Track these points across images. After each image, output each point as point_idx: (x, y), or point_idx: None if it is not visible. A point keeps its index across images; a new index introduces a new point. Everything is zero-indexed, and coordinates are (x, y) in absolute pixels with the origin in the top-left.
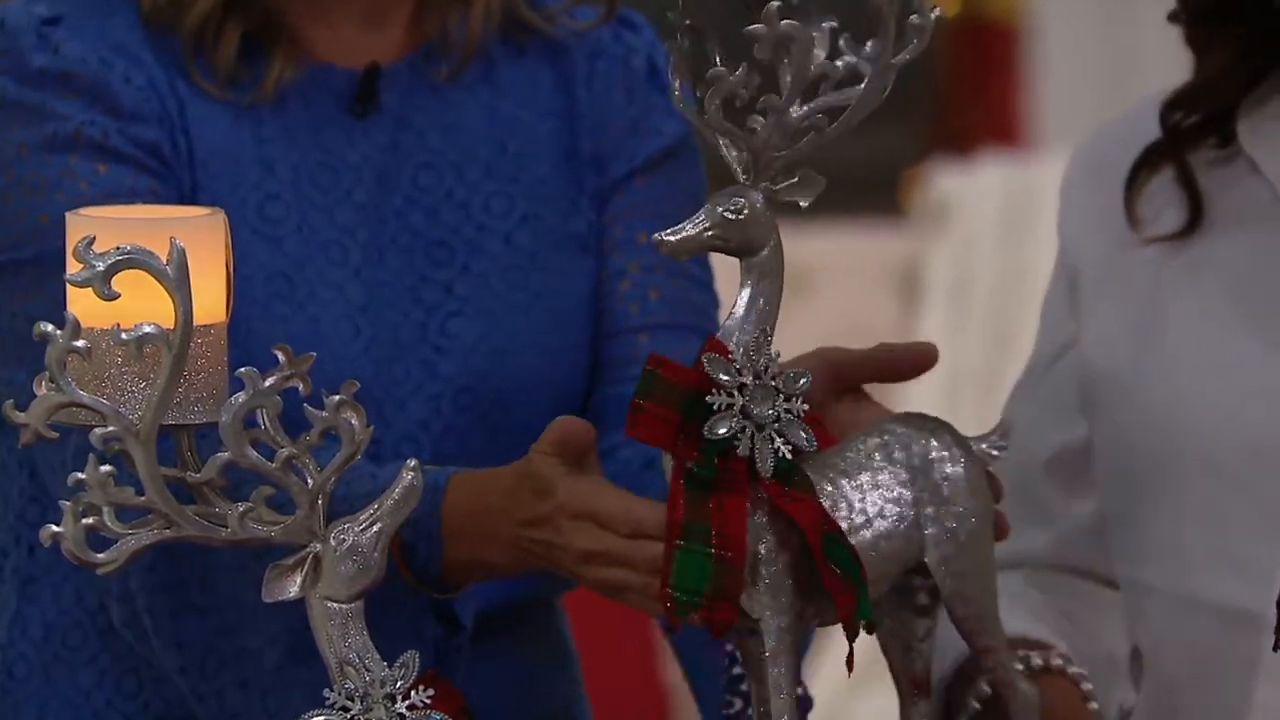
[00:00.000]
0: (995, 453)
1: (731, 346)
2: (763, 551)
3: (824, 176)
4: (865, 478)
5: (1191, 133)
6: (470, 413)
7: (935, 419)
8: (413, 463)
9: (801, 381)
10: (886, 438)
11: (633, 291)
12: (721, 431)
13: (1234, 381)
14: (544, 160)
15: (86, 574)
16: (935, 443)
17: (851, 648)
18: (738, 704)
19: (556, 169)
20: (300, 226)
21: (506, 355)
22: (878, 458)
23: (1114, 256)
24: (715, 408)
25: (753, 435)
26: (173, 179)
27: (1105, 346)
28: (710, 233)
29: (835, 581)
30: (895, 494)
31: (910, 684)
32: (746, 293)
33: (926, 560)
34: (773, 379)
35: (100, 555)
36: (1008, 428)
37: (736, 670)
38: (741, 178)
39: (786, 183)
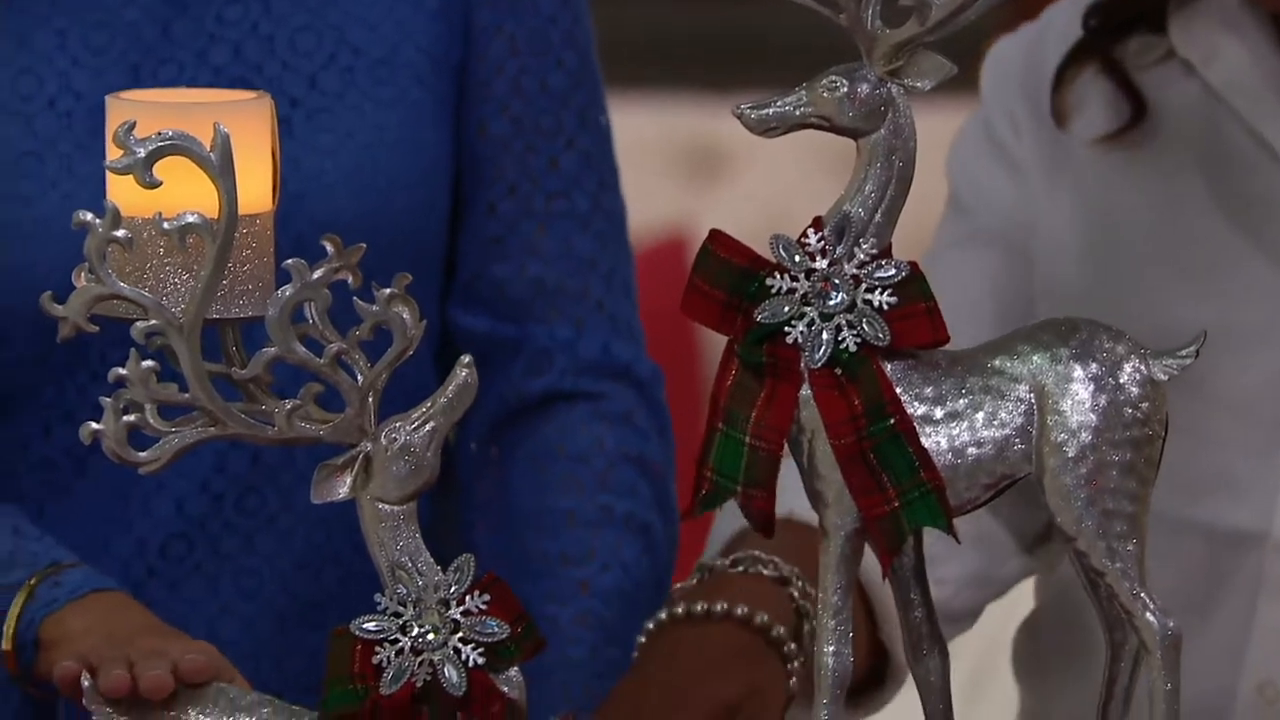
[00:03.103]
0: (1175, 369)
1: (826, 229)
2: (817, 446)
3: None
4: (994, 380)
5: (1118, 32)
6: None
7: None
8: (467, 359)
9: (890, 273)
10: (1048, 338)
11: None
12: (765, 317)
13: (1213, 288)
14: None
15: None
16: (1118, 349)
17: (885, 559)
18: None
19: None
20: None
21: (306, 200)
22: (1032, 361)
23: (1054, 155)
24: (774, 291)
25: (811, 323)
26: None
27: (1061, 251)
28: (803, 109)
29: (861, 479)
30: (1016, 402)
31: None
32: (855, 175)
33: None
34: (858, 267)
35: (142, 454)
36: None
37: None
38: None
39: (906, 65)
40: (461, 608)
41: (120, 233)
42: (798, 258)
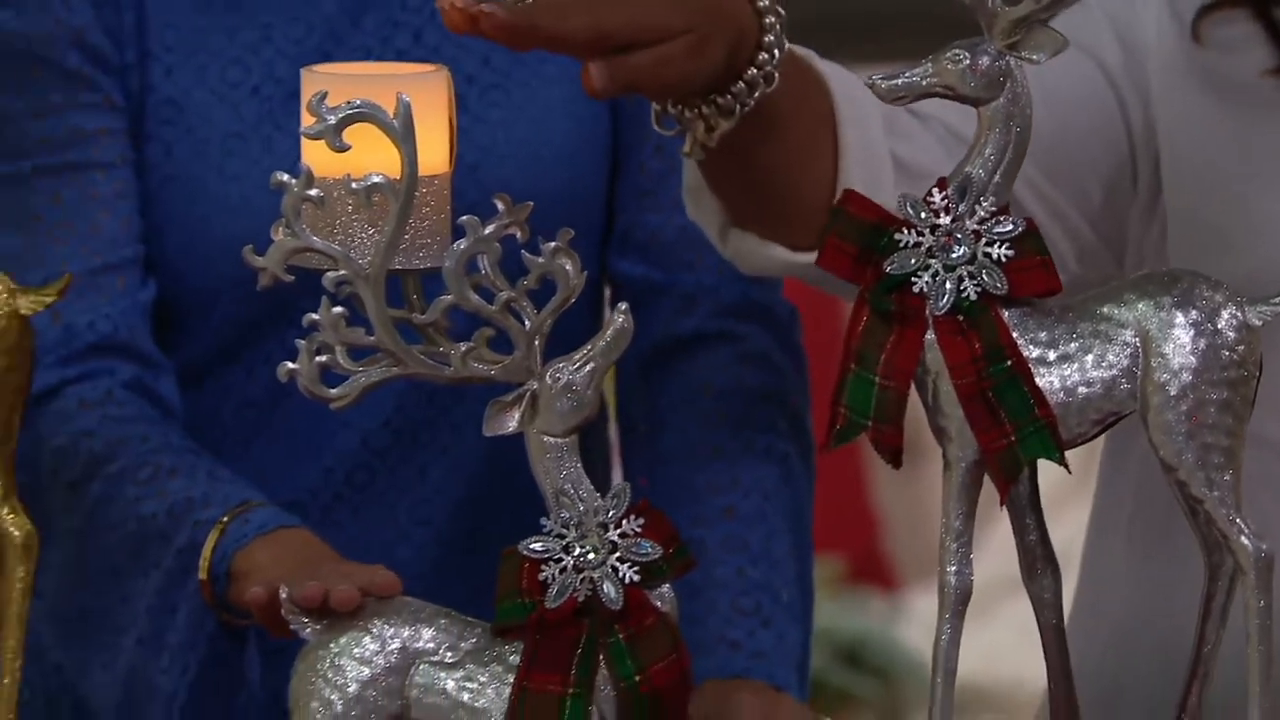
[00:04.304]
0: (1269, 315)
1: (950, 188)
2: (941, 385)
3: None
4: (1102, 325)
5: None
6: None
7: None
8: (624, 306)
9: (1008, 229)
10: (1152, 287)
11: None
12: (894, 268)
13: None
14: None
15: None
16: (1217, 297)
17: (1002, 488)
18: None
19: None
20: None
21: (480, 169)
22: (1137, 308)
23: (1188, 66)
24: (902, 245)
25: (935, 274)
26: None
27: (1187, 165)
28: (928, 80)
29: (981, 416)
30: (1122, 345)
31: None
32: (976, 140)
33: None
34: (979, 223)
35: (333, 391)
36: None
37: None
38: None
39: (1023, 39)
40: (619, 530)
41: (313, 192)
42: (924, 215)
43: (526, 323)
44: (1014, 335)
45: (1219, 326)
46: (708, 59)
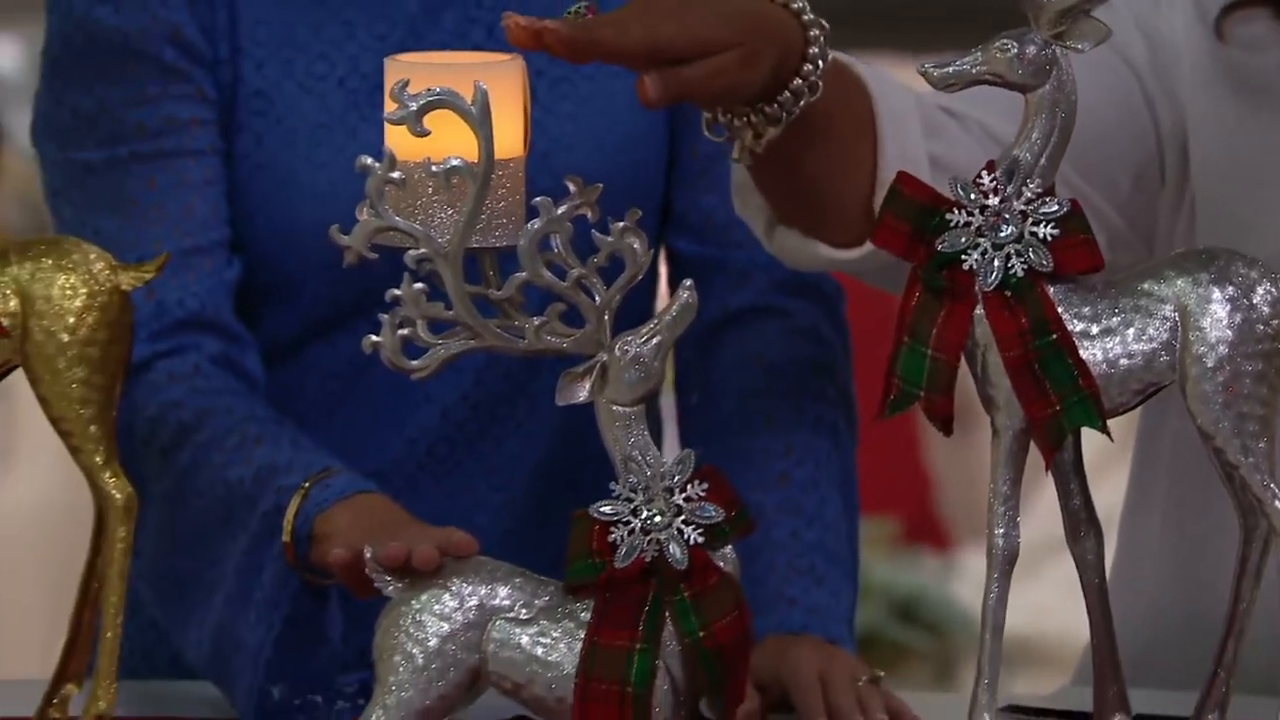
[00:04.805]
0: None
1: (999, 171)
2: (989, 357)
3: None
4: (1143, 301)
5: None
6: None
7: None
8: (688, 283)
9: (1053, 209)
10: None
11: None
12: (945, 246)
13: None
14: None
15: None
16: (1252, 274)
17: (1048, 454)
18: None
19: None
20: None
21: (550, 157)
22: (1176, 285)
23: (1212, 64)
24: (952, 224)
25: (984, 252)
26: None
27: (1213, 158)
28: (978, 69)
29: (1027, 387)
30: (1162, 319)
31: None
32: (1023, 125)
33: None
34: (1026, 204)
35: (414, 363)
36: None
37: None
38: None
39: (1069, 29)
40: (684, 494)
41: (396, 175)
42: (973, 196)
43: (596, 298)
44: (1059, 310)
45: (1254, 301)
46: (756, 71)
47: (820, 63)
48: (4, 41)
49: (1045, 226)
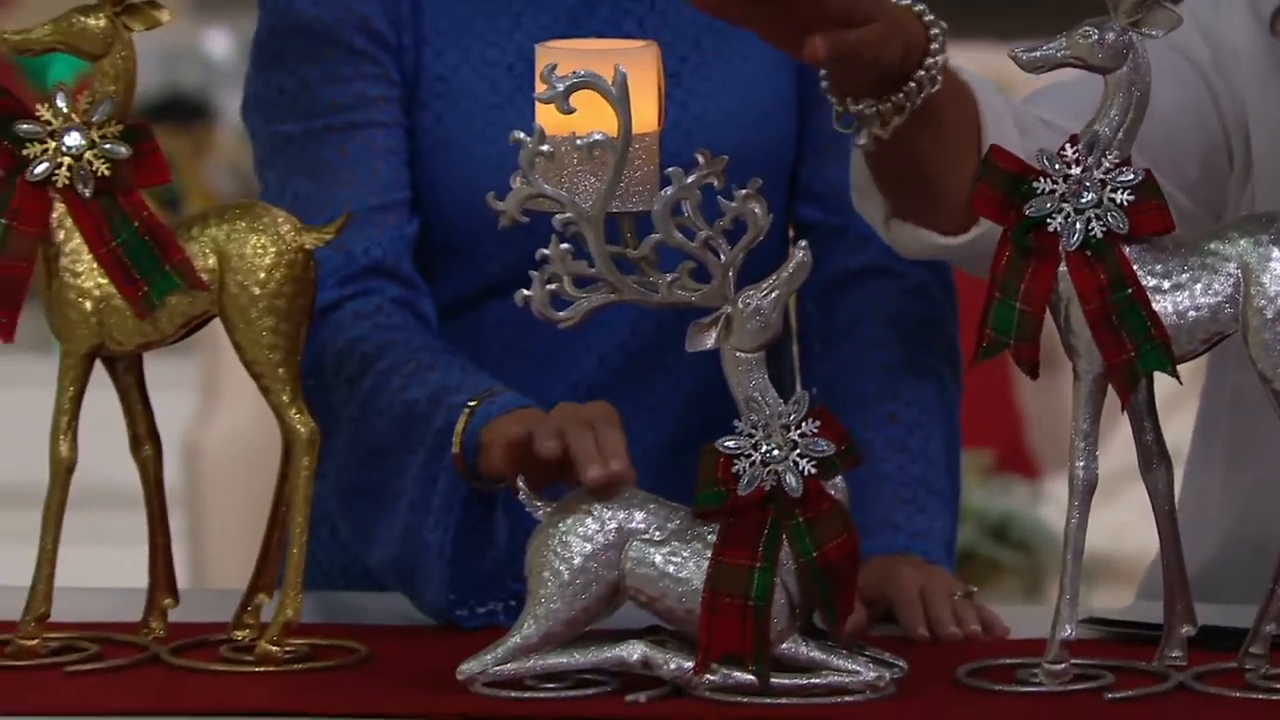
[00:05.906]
0: None
1: (1080, 144)
2: (1071, 310)
3: None
4: (1209, 259)
5: None
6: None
7: None
8: (803, 243)
9: (1129, 178)
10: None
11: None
12: (1032, 211)
13: None
14: None
15: None
16: None
17: (1124, 395)
18: None
19: None
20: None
21: (693, 135)
22: (1239, 245)
23: (1268, 59)
24: (1039, 191)
25: (1067, 216)
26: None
27: (1273, 144)
28: (1063, 53)
29: (1105, 336)
30: (1226, 276)
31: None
32: (1103, 103)
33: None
34: (1104, 173)
35: (560, 314)
36: None
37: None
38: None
39: (1144, 17)
40: (799, 430)
41: (545, 147)
42: (1057, 166)
43: (722, 256)
44: (1134, 268)
45: None
46: (894, 48)
47: (940, 58)
48: (217, 33)
49: (1122, 193)
